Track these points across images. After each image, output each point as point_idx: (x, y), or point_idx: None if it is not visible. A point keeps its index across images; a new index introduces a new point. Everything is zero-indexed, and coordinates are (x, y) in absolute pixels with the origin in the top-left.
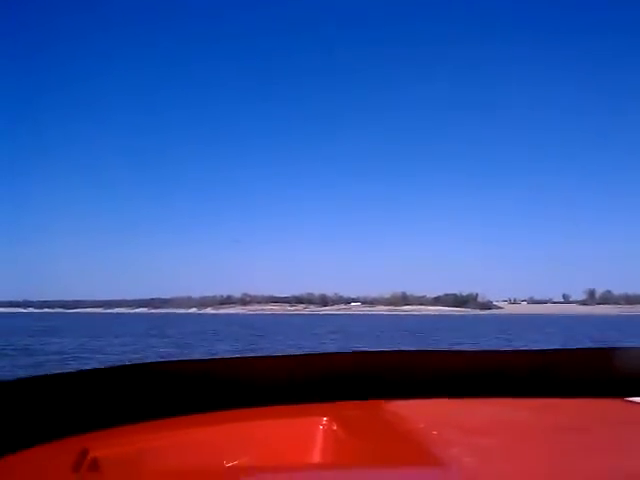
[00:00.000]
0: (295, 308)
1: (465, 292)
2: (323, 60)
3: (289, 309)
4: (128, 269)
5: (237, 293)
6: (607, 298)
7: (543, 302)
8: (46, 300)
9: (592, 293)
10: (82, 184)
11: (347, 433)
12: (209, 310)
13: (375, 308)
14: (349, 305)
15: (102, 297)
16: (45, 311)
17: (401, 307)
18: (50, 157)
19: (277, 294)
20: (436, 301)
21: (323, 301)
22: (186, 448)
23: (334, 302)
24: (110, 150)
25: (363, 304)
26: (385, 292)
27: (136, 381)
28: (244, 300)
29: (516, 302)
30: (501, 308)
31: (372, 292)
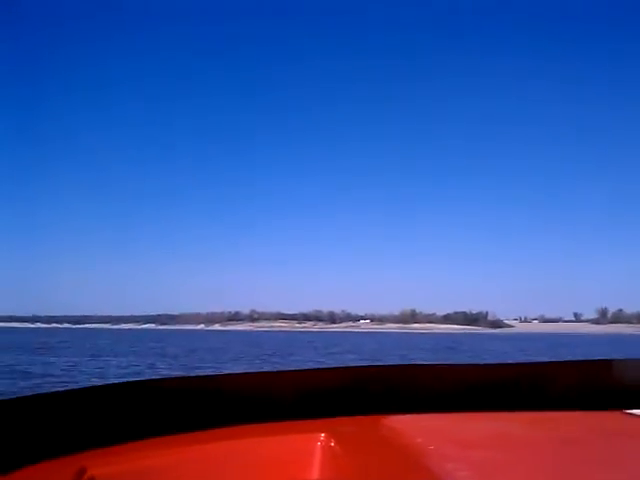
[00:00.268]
0: (303, 325)
1: (474, 310)
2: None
3: (297, 326)
4: (135, 285)
5: (245, 310)
6: (619, 317)
7: (554, 321)
8: (54, 315)
9: (604, 312)
10: (90, 198)
11: (345, 449)
12: (217, 326)
13: (384, 326)
14: (357, 323)
15: (109, 313)
16: (53, 326)
17: (410, 325)
18: (55, 172)
19: (285, 311)
20: (446, 319)
21: (331, 318)
22: (184, 466)
23: (342, 319)
24: (116, 164)
25: (372, 322)
26: (394, 309)
27: (134, 399)
28: (252, 317)
29: (527, 321)
30: (512, 327)
31: (380, 310)
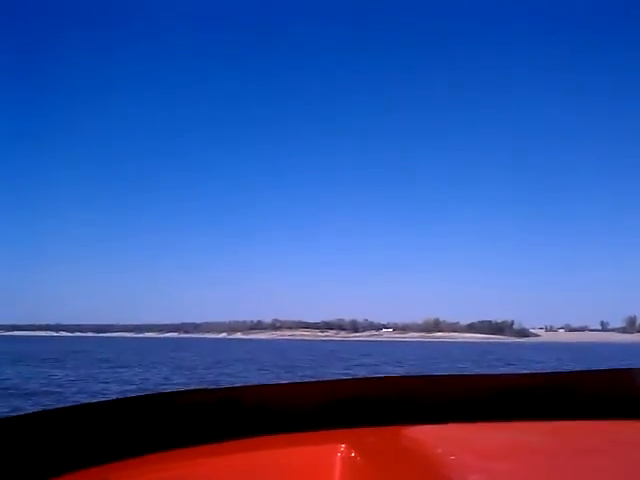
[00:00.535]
0: (326, 334)
1: (499, 319)
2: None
3: (319, 335)
4: (159, 294)
5: (267, 319)
6: None
7: (580, 330)
8: (78, 324)
9: (632, 320)
10: (110, 208)
11: (365, 459)
12: (239, 335)
13: (407, 334)
14: (380, 331)
15: (133, 322)
16: (77, 335)
17: (433, 334)
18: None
19: (307, 320)
20: (470, 328)
21: (354, 327)
22: (205, 477)
23: (365, 328)
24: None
25: (394, 330)
26: (417, 318)
27: (156, 411)
28: (274, 325)
29: (552, 330)
30: (538, 336)
31: (403, 318)
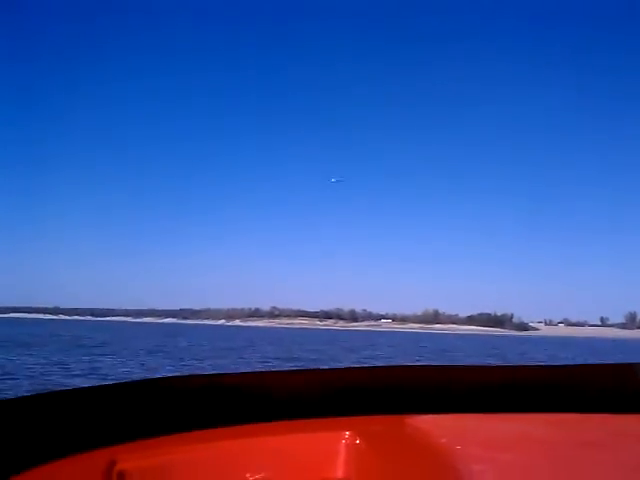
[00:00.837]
0: (324, 323)
1: (499, 312)
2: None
3: (318, 324)
4: (158, 279)
5: (266, 306)
6: None
7: (579, 324)
8: (76, 307)
9: (633, 316)
10: (111, 190)
11: (370, 447)
12: (237, 322)
13: (406, 325)
14: (379, 322)
15: (131, 306)
16: (75, 318)
17: (433, 325)
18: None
19: (306, 308)
20: (469, 320)
21: (353, 317)
22: (210, 461)
23: (363, 318)
24: (137, 156)
25: (393, 321)
26: (416, 309)
27: (163, 394)
28: (273, 313)
29: (552, 324)
30: (538, 330)
31: (401, 309)
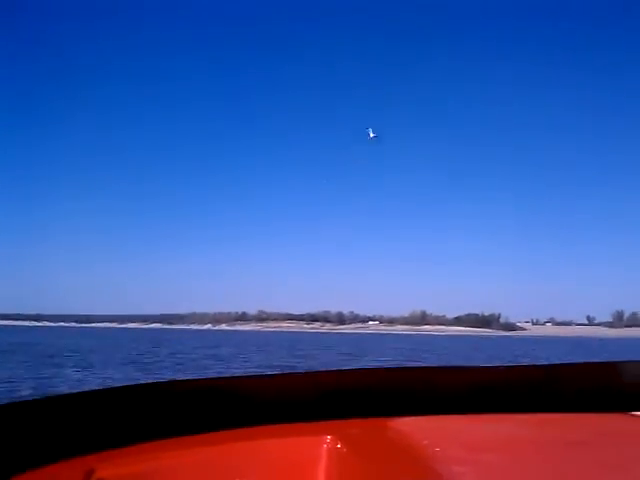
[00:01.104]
0: (312, 326)
1: (486, 312)
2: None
3: (305, 327)
4: (143, 284)
5: (252, 310)
6: (636, 320)
7: (566, 324)
8: (60, 314)
9: (620, 315)
10: (92, 198)
11: (351, 451)
12: (223, 326)
13: (394, 327)
14: (367, 324)
15: (116, 312)
16: (59, 325)
17: (420, 326)
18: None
19: (293, 312)
20: (457, 321)
21: (340, 319)
22: (190, 468)
23: (351, 321)
24: (121, 164)
25: (381, 323)
26: (403, 311)
27: (141, 401)
28: (260, 317)
29: (539, 323)
30: (525, 329)
31: (389, 311)
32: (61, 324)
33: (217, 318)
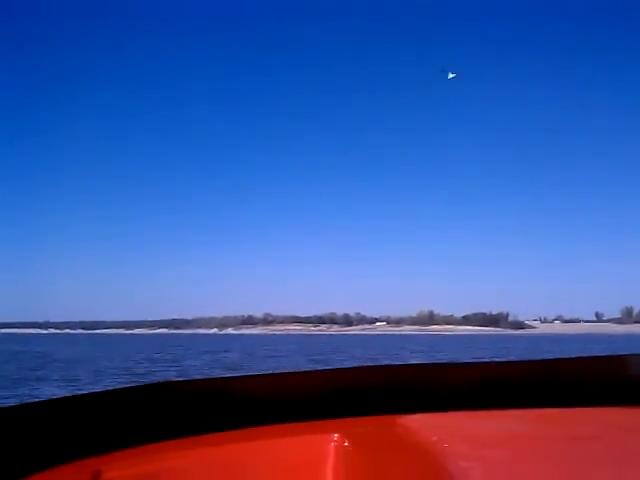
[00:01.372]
0: (318, 328)
1: (494, 311)
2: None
3: (312, 329)
4: (149, 290)
5: (259, 313)
6: None
7: (574, 321)
8: (67, 321)
9: (629, 311)
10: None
11: (359, 449)
12: (230, 330)
13: (401, 328)
14: (374, 325)
15: (123, 318)
16: (66, 332)
17: (429, 326)
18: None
19: (299, 314)
20: (465, 320)
21: (347, 321)
22: (197, 468)
23: (358, 322)
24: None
25: (388, 324)
26: (410, 311)
27: (148, 401)
28: (266, 320)
29: (547, 321)
30: (534, 328)
31: (395, 311)
32: (67, 331)
33: (223, 322)
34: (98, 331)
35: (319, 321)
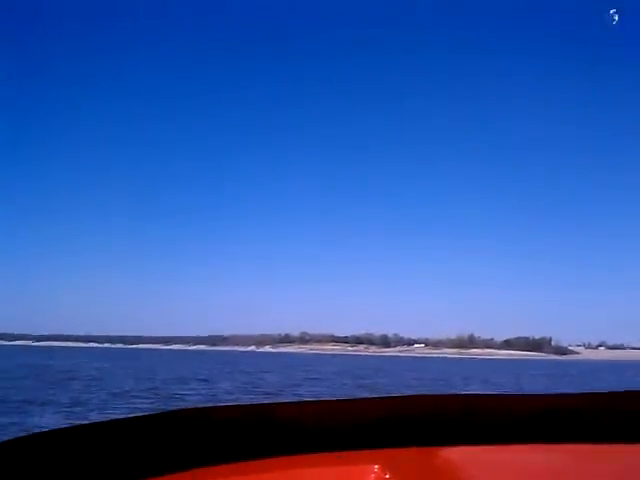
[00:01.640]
0: (355, 349)
1: (537, 336)
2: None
3: (349, 349)
4: (187, 306)
5: (295, 332)
6: None
7: (618, 347)
8: (108, 335)
9: None
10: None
11: None
12: (267, 348)
13: (440, 350)
14: (412, 347)
15: (161, 334)
16: (106, 346)
17: (468, 350)
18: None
19: (336, 333)
20: (506, 344)
21: (384, 342)
22: None
23: (395, 343)
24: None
25: (426, 346)
26: (449, 333)
27: (186, 426)
28: (303, 339)
29: (591, 347)
30: (578, 353)
31: (433, 334)
32: (107, 345)
33: (261, 340)
34: (137, 346)
35: (356, 341)
